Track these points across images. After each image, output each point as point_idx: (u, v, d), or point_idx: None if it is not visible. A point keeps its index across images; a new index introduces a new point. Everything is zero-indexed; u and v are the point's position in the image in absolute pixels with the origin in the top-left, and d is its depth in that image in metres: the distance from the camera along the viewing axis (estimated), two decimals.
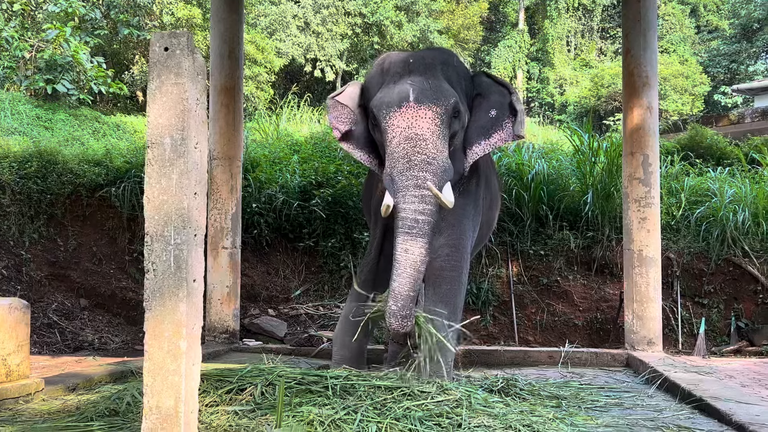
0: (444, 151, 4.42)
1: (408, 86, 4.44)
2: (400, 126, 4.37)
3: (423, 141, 4.33)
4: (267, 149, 9.47)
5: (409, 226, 4.32)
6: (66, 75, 14.00)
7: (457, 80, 4.73)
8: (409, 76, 4.53)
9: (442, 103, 4.41)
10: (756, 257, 7.69)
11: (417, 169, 4.32)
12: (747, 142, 10.80)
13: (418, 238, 4.31)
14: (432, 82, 4.48)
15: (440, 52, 4.89)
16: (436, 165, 4.35)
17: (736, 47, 28.71)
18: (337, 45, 23.72)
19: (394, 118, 4.40)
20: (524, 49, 31.75)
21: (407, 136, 4.34)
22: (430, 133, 4.35)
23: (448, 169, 4.43)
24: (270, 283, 8.05)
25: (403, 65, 4.64)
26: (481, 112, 4.88)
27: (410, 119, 4.35)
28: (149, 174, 2.60)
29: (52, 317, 7.58)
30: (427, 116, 4.35)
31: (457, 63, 4.90)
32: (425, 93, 4.40)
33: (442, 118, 4.40)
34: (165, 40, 2.64)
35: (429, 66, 4.62)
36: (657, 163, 6.69)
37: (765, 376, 5.60)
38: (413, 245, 4.31)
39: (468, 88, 4.89)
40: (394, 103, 4.41)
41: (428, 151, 4.33)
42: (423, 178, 4.31)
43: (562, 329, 7.76)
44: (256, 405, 3.54)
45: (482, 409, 3.71)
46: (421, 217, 4.32)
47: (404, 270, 4.30)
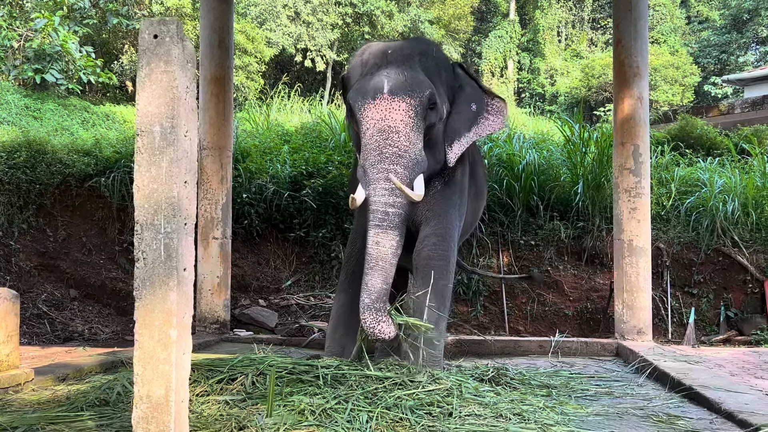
0: (417, 144, 4.39)
1: (383, 78, 4.39)
2: (373, 118, 4.34)
3: (395, 133, 4.30)
4: (257, 139, 9.44)
5: (380, 218, 4.31)
6: (55, 64, 13.93)
7: (436, 71, 4.70)
8: (386, 68, 4.49)
9: (416, 94, 4.37)
10: (745, 247, 7.73)
11: (388, 162, 4.29)
12: (737, 133, 10.83)
13: (388, 230, 4.31)
14: (408, 74, 4.44)
15: (420, 43, 4.84)
16: (407, 158, 4.32)
17: (727, 38, 28.79)
18: (327, 35, 23.65)
19: (368, 110, 4.37)
20: (515, 39, 31.76)
21: (380, 129, 4.31)
22: (403, 125, 4.32)
23: (420, 161, 4.40)
24: (261, 274, 8.04)
25: (381, 56, 4.60)
26: (463, 104, 4.87)
27: (383, 111, 4.32)
28: (139, 162, 2.59)
29: (42, 308, 7.55)
30: (400, 108, 4.32)
31: (437, 54, 4.86)
32: (399, 85, 4.36)
33: (417, 110, 4.37)
34: (154, 28, 2.62)
35: (407, 57, 4.57)
36: (647, 153, 6.70)
37: (754, 365, 5.63)
38: (384, 238, 4.30)
39: (449, 80, 4.87)
40: (369, 95, 4.38)
41: (400, 144, 4.30)
42: (394, 171, 4.29)
43: (552, 319, 7.78)
44: (246, 394, 3.54)
45: (473, 398, 3.72)
46: (391, 210, 4.31)
47: (375, 263, 4.29)
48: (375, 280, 4.27)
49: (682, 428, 3.57)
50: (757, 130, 10.79)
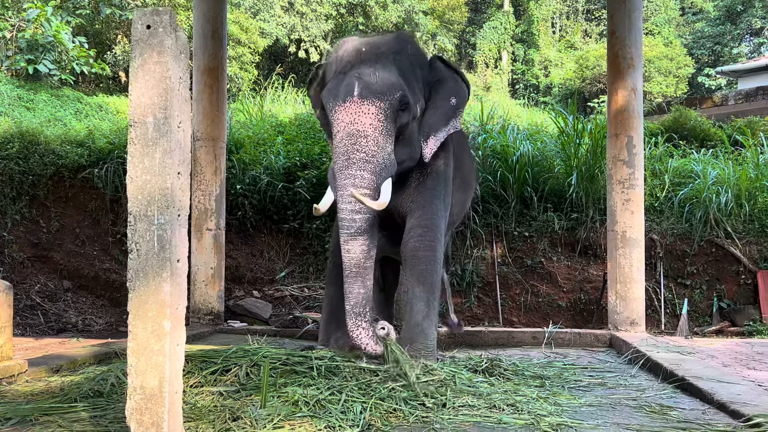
0: (386, 147, 4.38)
1: (354, 80, 4.38)
2: (343, 121, 4.35)
3: (364, 138, 4.30)
4: (251, 130, 9.42)
5: (347, 226, 4.34)
6: (47, 55, 13.85)
7: (410, 69, 4.68)
8: (358, 67, 4.47)
9: (386, 97, 4.35)
10: (738, 238, 7.75)
11: (355, 168, 4.29)
12: (730, 124, 10.84)
13: (357, 236, 4.34)
14: (380, 74, 4.41)
15: (395, 39, 4.80)
16: (375, 163, 4.32)
17: (721, 29, 28.78)
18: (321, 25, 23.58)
19: (339, 112, 4.37)
20: (509, 30, 31.72)
21: (349, 132, 4.32)
22: (371, 130, 4.31)
23: (389, 165, 4.40)
24: (255, 265, 8.04)
25: (355, 54, 4.57)
26: (441, 99, 4.86)
27: (353, 115, 4.31)
28: (132, 153, 2.58)
29: (35, 299, 7.54)
30: (370, 112, 4.31)
31: (413, 50, 4.83)
32: (370, 87, 4.34)
33: (387, 113, 4.35)
34: (147, 18, 2.61)
35: (380, 56, 4.54)
36: (641, 144, 6.71)
37: (746, 355, 5.66)
38: (353, 245, 4.34)
39: (426, 75, 4.85)
40: (340, 96, 4.38)
41: (368, 149, 4.30)
42: (360, 177, 4.29)
43: (546, 310, 7.80)
44: (240, 386, 3.54)
45: (467, 389, 3.73)
46: (357, 216, 4.33)
47: (350, 271, 4.36)
48: (353, 287, 4.36)
49: (674, 418, 3.58)
50: (751, 121, 10.80)
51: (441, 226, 4.89)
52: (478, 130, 9.28)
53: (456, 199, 5.39)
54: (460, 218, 6.18)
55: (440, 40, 27.53)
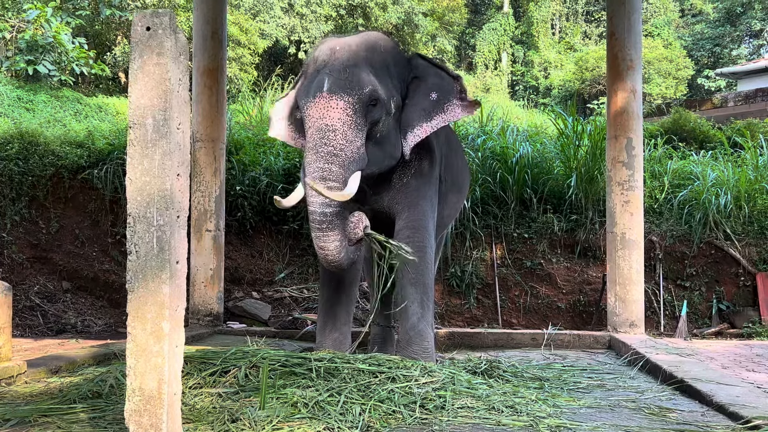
0: (355, 141, 4.39)
1: (324, 76, 4.42)
2: (313, 116, 4.38)
3: (332, 132, 4.32)
4: (251, 131, 9.42)
5: (319, 221, 4.35)
6: (47, 56, 13.86)
7: (383, 66, 4.69)
8: (331, 65, 4.51)
9: (355, 92, 4.38)
10: (738, 240, 7.75)
11: (323, 161, 4.32)
12: (730, 126, 10.84)
13: (328, 232, 4.35)
14: (351, 71, 4.45)
15: (369, 38, 4.80)
16: (343, 156, 4.33)
17: (720, 31, 28.80)
18: (321, 27, 23.57)
19: (309, 108, 4.41)
20: (509, 32, 31.73)
21: (318, 127, 4.35)
22: (340, 124, 4.33)
23: (358, 159, 4.41)
24: (254, 266, 8.04)
25: (329, 53, 4.61)
26: (419, 95, 4.86)
27: (322, 110, 4.35)
28: (131, 155, 2.58)
29: (35, 300, 7.54)
30: (338, 107, 4.34)
31: (387, 48, 4.83)
32: (338, 83, 4.38)
33: (355, 107, 4.38)
34: (147, 20, 2.61)
35: (352, 54, 4.57)
36: (640, 146, 6.71)
37: (745, 357, 5.66)
38: (326, 241, 4.36)
39: (402, 73, 4.86)
40: (311, 93, 4.43)
41: (335, 143, 4.32)
42: (328, 170, 4.31)
43: (545, 312, 7.80)
44: (239, 387, 3.54)
45: (466, 390, 3.73)
46: (328, 210, 4.33)
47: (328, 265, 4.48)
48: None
49: (673, 420, 3.58)
50: (750, 123, 10.80)
51: (429, 226, 4.89)
52: (478, 131, 9.28)
53: (448, 200, 5.40)
54: (453, 219, 6.19)
55: (440, 42, 27.53)
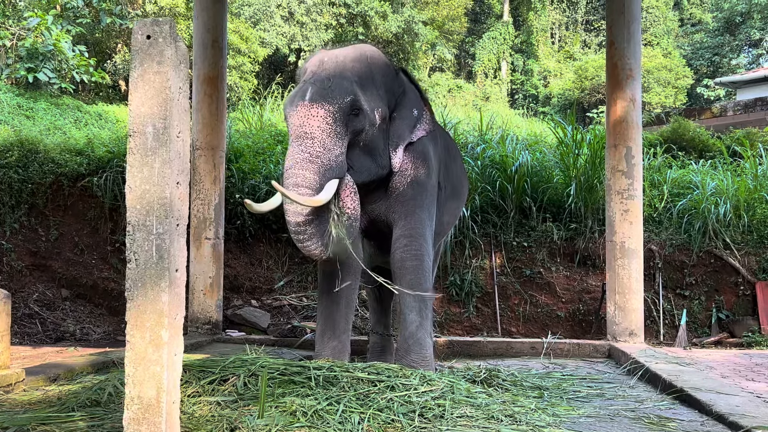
0: (334, 150, 4.40)
1: (308, 86, 4.47)
2: (294, 124, 4.41)
3: (310, 140, 4.34)
4: (250, 139, 9.43)
5: (295, 232, 4.35)
6: (47, 63, 13.88)
7: (370, 78, 4.72)
8: (317, 76, 4.55)
9: (336, 101, 4.40)
10: (737, 249, 7.76)
11: (298, 167, 4.32)
12: (729, 135, 10.86)
13: (305, 241, 4.35)
14: (334, 81, 4.49)
15: (357, 49, 4.85)
16: (319, 163, 4.33)
17: (719, 40, 28.88)
18: (321, 35, 23.62)
19: (291, 116, 4.45)
20: (509, 41, 31.80)
21: (298, 135, 4.38)
22: (319, 132, 4.35)
23: (335, 167, 4.40)
24: (253, 274, 8.03)
25: (318, 64, 4.67)
26: (406, 109, 4.91)
27: (302, 118, 4.37)
28: (131, 163, 2.58)
29: (33, 307, 7.53)
30: (318, 115, 4.35)
31: (375, 60, 4.86)
32: (320, 92, 4.41)
33: (335, 116, 4.39)
34: (147, 28, 2.62)
35: (340, 65, 4.62)
36: (640, 155, 6.72)
37: (745, 367, 5.66)
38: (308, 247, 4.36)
39: (392, 86, 4.90)
40: (294, 102, 4.46)
41: (312, 150, 4.33)
42: (303, 177, 4.31)
43: (544, 320, 7.79)
44: (238, 395, 3.53)
45: (465, 399, 3.72)
46: (301, 219, 4.33)
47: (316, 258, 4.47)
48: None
49: (673, 430, 3.58)
50: (749, 132, 10.82)
51: (427, 234, 4.89)
52: (477, 139, 9.29)
53: (446, 208, 5.41)
54: (452, 226, 6.19)
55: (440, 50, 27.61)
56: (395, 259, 4.78)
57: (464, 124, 11.15)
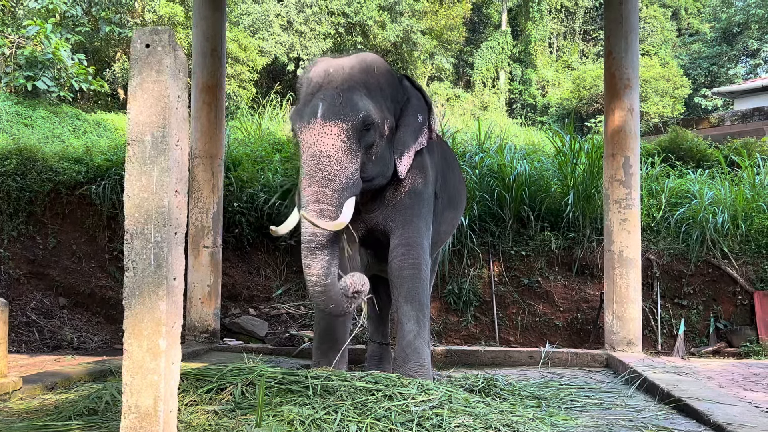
0: (350, 167, 4.41)
1: (319, 101, 4.44)
2: (307, 142, 4.39)
3: (326, 158, 4.33)
4: (249, 148, 9.43)
5: (308, 240, 4.32)
6: (46, 72, 13.89)
7: (378, 89, 4.72)
8: (325, 89, 4.52)
9: (349, 118, 4.39)
10: (735, 259, 7.76)
11: (317, 185, 4.32)
12: (727, 145, 10.88)
13: (316, 252, 4.31)
14: (345, 96, 4.46)
15: (362, 60, 4.82)
16: (337, 181, 4.34)
17: (717, 50, 28.95)
18: (320, 44, 23.66)
19: (303, 133, 4.42)
20: (507, 50, 31.85)
21: (312, 153, 4.35)
22: (334, 150, 4.34)
23: (352, 185, 4.42)
24: (251, 283, 8.03)
25: (323, 75, 4.62)
26: (410, 116, 4.91)
27: (316, 136, 4.36)
28: (129, 171, 2.59)
29: (31, 316, 7.52)
30: (332, 133, 4.35)
31: (381, 70, 4.86)
32: (333, 109, 4.39)
33: (349, 133, 4.39)
34: (146, 37, 2.62)
35: (347, 77, 4.59)
36: (638, 164, 6.73)
37: (743, 376, 5.65)
38: (313, 260, 4.31)
39: (395, 94, 4.89)
40: (305, 118, 4.44)
41: (330, 168, 4.33)
42: (323, 194, 4.32)
43: (542, 329, 7.79)
44: (236, 404, 3.52)
45: (463, 409, 3.71)
46: (318, 231, 4.32)
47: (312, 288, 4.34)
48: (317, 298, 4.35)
49: None
50: (747, 142, 10.84)
51: (424, 243, 4.90)
52: (476, 149, 9.30)
53: (444, 217, 5.41)
54: (449, 236, 6.19)
55: (438, 60, 27.64)
56: (392, 268, 4.78)
57: (462, 133, 11.16)
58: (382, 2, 24.73)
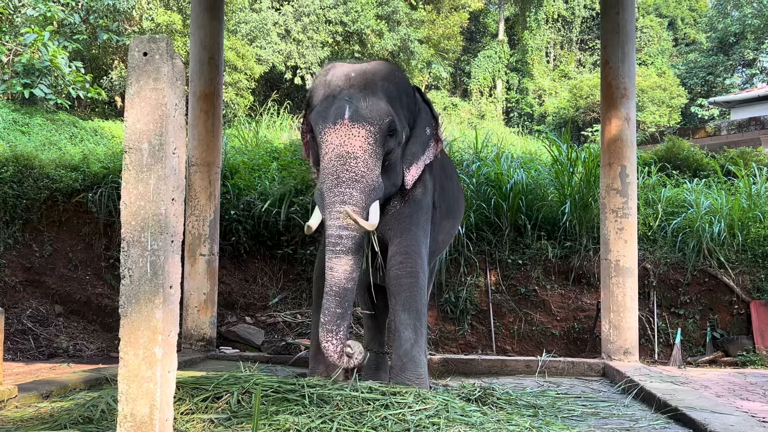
0: (375, 170, 4.41)
1: (345, 103, 4.42)
2: (333, 143, 4.37)
3: (354, 159, 4.33)
4: (246, 156, 9.44)
5: (333, 243, 4.31)
6: (44, 79, 13.88)
7: (397, 96, 4.73)
8: (348, 92, 4.51)
9: (376, 122, 4.40)
10: (731, 268, 7.76)
11: (344, 186, 4.31)
12: (723, 154, 10.90)
13: (341, 255, 4.30)
14: (370, 100, 4.47)
15: (383, 67, 4.85)
16: (364, 183, 4.34)
17: (713, 60, 29.05)
18: (317, 53, 23.70)
19: (329, 134, 4.39)
20: (504, 59, 31.95)
21: (339, 154, 4.34)
22: (361, 152, 4.34)
23: (377, 188, 4.42)
24: (248, 291, 8.01)
25: (344, 79, 4.62)
26: (420, 128, 4.94)
27: (343, 137, 4.34)
28: (126, 179, 2.58)
29: (27, 323, 7.50)
30: (360, 135, 4.35)
31: (400, 79, 4.89)
32: (360, 111, 4.40)
33: (376, 137, 4.40)
34: (144, 45, 2.63)
35: (369, 82, 4.60)
36: (634, 174, 6.74)
37: (740, 386, 5.65)
38: (337, 263, 4.30)
39: (410, 104, 4.91)
40: (330, 119, 4.41)
41: (357, 170, 4.33)
42: (350, 195, 4.30)
43: (539, 338, 7.78)
44: (231, 413, 3.52)
45: (459, 418, 3.71)
46: (345, 233, 4.30)
47: (330, 288, 4.30)
48: (329, 303, 4.28)
49: None
50: (743, 152, 10.86)
51: (422, 252, 4.89)
52: (473, 157, 9.31)
53: (442, 227, 5.42)
54: (447, 245, 6.19)
55: (435, 69, 27.70)
56: (391, 276, 4.77)
57: (460, 141, 11.18)
58: (380, 11, 24.79)
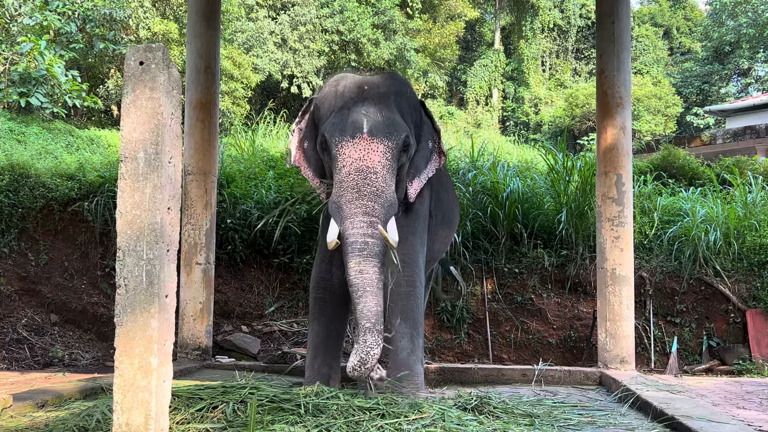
0: (392, 185, 4.44)
1: (362, 117, 4.43)
2: (351, 157, 4.36)
3: (374, 174, 4.34)
4: (242, 165, 9.44)
5: (360, 248, 4.28)
6: (40, 88, 13.86)
7: (408, 111, 4.75)
8: (363, 105, 4.52)
9: (394, 137, 4.42)
10: (727, 276, 7.77)
11: (366, 199, 4.31)
12: (718, 163, 10.93)
13: (370, 258, 4.28)
14: (385, 114, 4.49)
15: (394, 81, 4.86)
16: (384, 197, 4.35)
17: (709, 69, 29.17)
18: (314, 62, 23.76)
19: (346, 147, 4.39)
20: (500, 68, 32.06)
21: (358, 168, 4.34)
22: (381, 167, 4.36)
23: (394, 203, 4.44)
24: (244, 300, 8.00)
25: (357, 91, 4.62)
26: (423, 142, 4.96)
27: (362, 151, 4.35)
28: (122, 188, 2.58)
29: (22, 332, 7.48)
30: (379, 150, 4.36)
31: (410, 93, 4.92)
32: (378, 126, 4.41)
33: (393, 152, 4.42)
34: (140, 54, 2.63)
35: (383, 96, 4.62)
36: (630, 182, 6.75)
37: (736, 394, 5.65)
38: (366, 266, 4.27)
39: (417, 119, 4.93)
40: (347, 132, 4.41)
41: (378, 184, 4.34)
42: (372, 207, 4.31)
43: (536, 347, 7.78)
44: (227, 423, 3.50)
45: (456, 427, 3.70)
46: (370, 240, 4.30)
47: (364, 290, 4.24)
48: (369, 303, 4.21)
49: None
50: (739, 160, 10.89)
51: (419, 261, 4.90)
52: (469, 166, 9.32)
53: (438, 235, 5.43)
54: (443, 254, 6.20)
55: (431, 77, 27.78)
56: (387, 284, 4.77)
57: (456, 150, 11.19)
58: (376, 20, 24.87)
